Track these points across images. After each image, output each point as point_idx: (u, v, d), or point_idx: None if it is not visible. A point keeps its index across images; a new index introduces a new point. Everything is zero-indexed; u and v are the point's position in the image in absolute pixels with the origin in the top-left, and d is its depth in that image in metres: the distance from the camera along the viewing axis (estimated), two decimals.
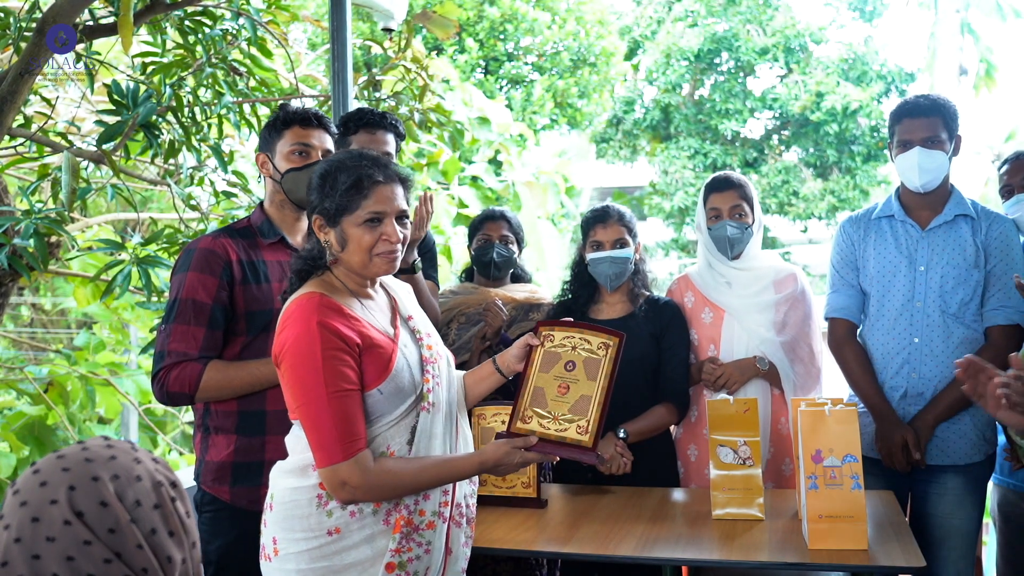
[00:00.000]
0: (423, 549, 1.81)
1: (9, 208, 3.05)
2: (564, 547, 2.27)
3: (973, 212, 2.70)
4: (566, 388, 1.96)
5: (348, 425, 1.73)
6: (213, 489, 2.28)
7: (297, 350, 1.75)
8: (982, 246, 2.65)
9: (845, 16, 16.31)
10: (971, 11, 18.39)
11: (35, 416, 4.86)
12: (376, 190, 1.82)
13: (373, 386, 1.78)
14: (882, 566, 2.04)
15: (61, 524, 1.04)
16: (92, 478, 1.07)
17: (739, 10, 15.51)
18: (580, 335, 2.01)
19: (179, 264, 2.29)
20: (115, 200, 3.30)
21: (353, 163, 1.83)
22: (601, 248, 2.79)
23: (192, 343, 2.19)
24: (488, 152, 8.43)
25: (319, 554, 1.78)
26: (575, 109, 13.35)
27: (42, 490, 1.06)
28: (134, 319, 5.33)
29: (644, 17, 16.34)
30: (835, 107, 14.71)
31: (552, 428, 1.93)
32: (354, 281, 1.88)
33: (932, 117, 2.66)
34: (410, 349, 1.88)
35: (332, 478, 1.73)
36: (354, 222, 1.81)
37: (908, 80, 15.32)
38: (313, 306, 1.77)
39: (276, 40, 3.55)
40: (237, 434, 2.25)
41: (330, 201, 1.81)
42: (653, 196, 16.18)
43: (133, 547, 1.07)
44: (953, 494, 2.64)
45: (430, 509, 1.84)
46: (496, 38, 13.14)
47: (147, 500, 1.10)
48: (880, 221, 2.78)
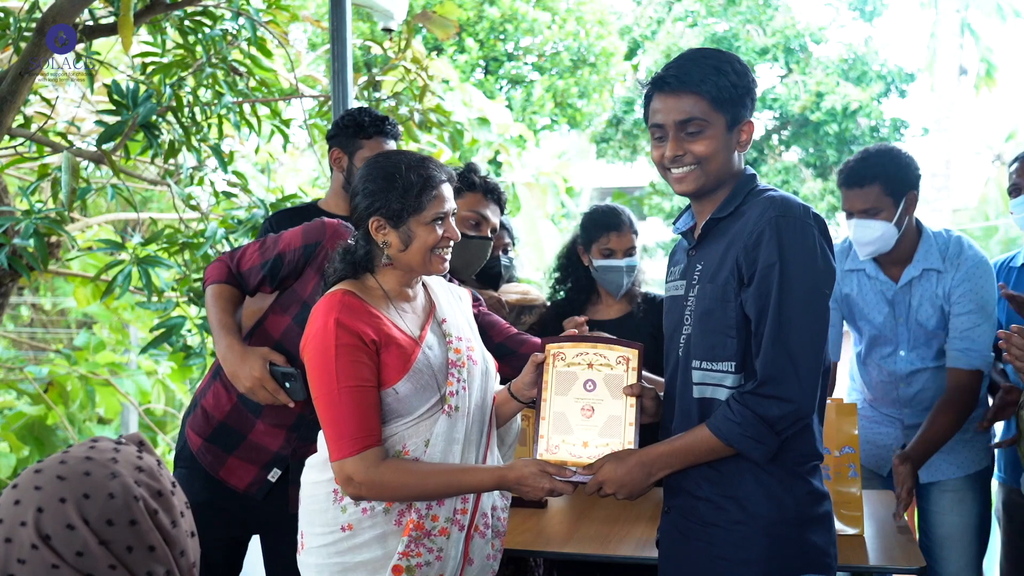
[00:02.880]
0: (434, 556, 1.79)
1: (9, 208, 3.05)
2: (564, 547, 2.27)
3: (941, 265, 2.58)
4: (591, 410, 1.83)
5: (360, 420, 1.73)
6: (190, 434, 2.29)
7: (314, 345, 1.77)
8: (948, 295, 2.57)
9: (845, 16, 16.33)
10: (971, 11, 18.39)
11: (35, 416, 4.86)
12: (440, 189, 1.85)
13: (390, 384, 1.78)
14: (882, 566, 2.05)
15: (29, 548, 1.03)
16: (60, 500, 1.05)
17: (739, 10, 15.52)
18: (594, 351, 1.86)
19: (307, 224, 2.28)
20: (115, 200, 3.30)
21: (416, 163, 1.84)
22: (613, 256, 2.78)
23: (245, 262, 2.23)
24: (488, 152, 8.44)
25: (334, 550, 1.79)
26: (575, 109, 13.35)
27: (15, 509, 1.05)
28: (134, 319, 5.33)
29: (644, 17, 16.36)
30: (835, 107, 14.72)
31: (584, 456, 1.81)
32: (399, 283, 1.88)
33: (867, 187, 2.51)
34: (436, 351, 1.87)
35: (340, 472, 1.74)
36: (421, 221, 1.83)
37: (908, 80, 15.34)
38: (334, 303, 1.78)
39: (276, 40, 3.55)
40: (238, 399, 2.26)
41: (397, 201, 1.82)
42: (653, 196, 16.19)
43: (105, 567, 1.05)
44: (953, 492, 2.65)
45: (443, 515, 1.81)
46: (496, 38, 13.14)
47: (120, 518, 1.07)
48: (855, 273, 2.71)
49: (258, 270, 2.22)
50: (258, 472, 2.28)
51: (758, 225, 1.70)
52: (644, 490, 1.78)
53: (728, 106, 1.75)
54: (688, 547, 1.80)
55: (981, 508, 2.68)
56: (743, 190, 1.80)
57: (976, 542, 2.67)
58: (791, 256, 1.68)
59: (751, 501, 1.73)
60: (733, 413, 1.69)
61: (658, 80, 1.78)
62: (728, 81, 1.74)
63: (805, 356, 1.68)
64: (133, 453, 1.13)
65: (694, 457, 1.75)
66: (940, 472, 2.66)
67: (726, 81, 1.74)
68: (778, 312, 1.67)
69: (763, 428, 1.67)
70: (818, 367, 1.71)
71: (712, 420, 1.73)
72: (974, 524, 2.66)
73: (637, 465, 1.75)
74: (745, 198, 1.79)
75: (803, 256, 1.69)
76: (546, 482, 1.74)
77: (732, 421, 1.69)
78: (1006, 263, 2.86)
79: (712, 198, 1.82)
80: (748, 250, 1.70)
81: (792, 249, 1.68)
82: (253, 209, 3.43)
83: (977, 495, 2.67)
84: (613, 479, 1.75)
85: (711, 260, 1.78)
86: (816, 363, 1.70)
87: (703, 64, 1.75)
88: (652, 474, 1.76)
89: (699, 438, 1.73)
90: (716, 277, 1.75)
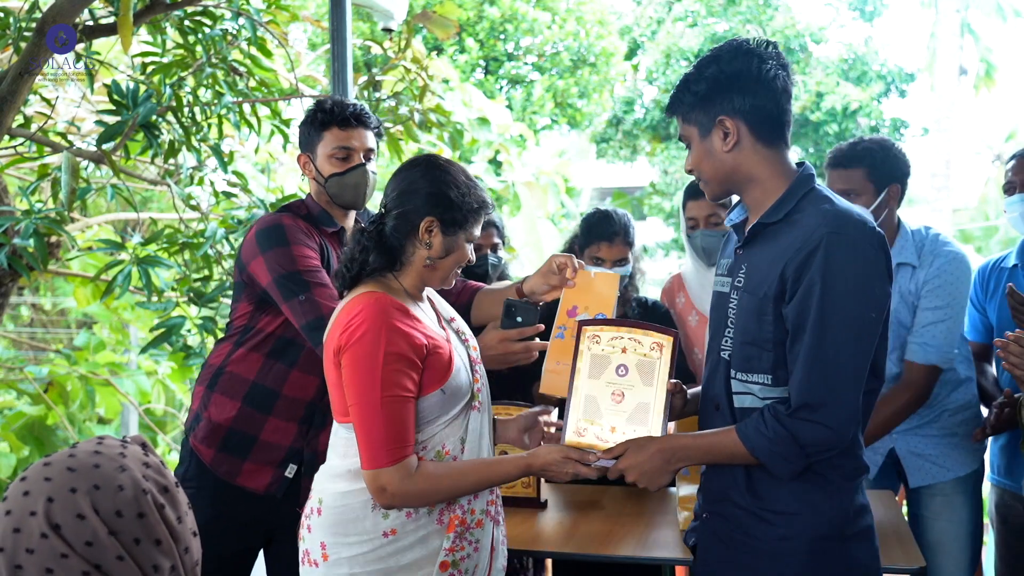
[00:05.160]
0: (473, 547, 1.83)
1: (9, 208, 3.05)
2: (564, 547, 2.27)
3: (915, 259, 2.55)
4: (620, 396, 1.83)
5: (398, 431, 1.73)
6: (198, 447, 2.28)
7: (360, 350, 1.74)
8: (918, 289, 2.54)
9: (845, 16, 16.32)
10: (971, 11, 18.38)
11: (35, 416, 4.86)
12: (483, 216, 1.90)
13: (437, 387, 1.79)
14: (882, 566, 2.04)
15: (39, 537, 1.04)
16: (70, 490, 1.07)
17: (739, 10, 15.51)
18: (629, 335, 1.84)
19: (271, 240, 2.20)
20: (115, 200, 3.30)
21: (476, 184, 1.89)
22: (601, 265, 2.78)
23: (334, 301, 2.10)
24: (488, 152, 8.43)
25: (374, 556, 1.78)
26: (575, 109, 13.35)
27: (24, 500, 1.07)
28: (134, 319, 5.32)
29: (644, 17, 16.36)
30: (835, 107, 14.72)
31: (611, 441, 1.80)
32: (416, 286, 1.89)
33: (852, 168, 2.51)
34: (459, 350, 1.90)
35: (374, 482, 1.74)
36: (467, 237, 1.88)
37: (908, 80, 15.33)
38: (383, 306, 1.76)
39: (276, 40, 3.55)
40: (243, 403, 2.25)
41: (459, 211, 1.84)
42: (653, 196, 16.19)
43: (113, 559, 1.06)
44: (943, 497, 2.64)
45: (479, 508, 1.86)
46: (496, 38, 13.14)
47: (129, 510, 1.09)
48: None
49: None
50: (275, 471, 2.28)
51: (808, 242, 1.63)
52: (665, 480, 1.76)
53: (694, 116, 1.75)
54: (727, 555, 1.77)
55: (972, 512, 2.67)
56: (796, 193, 1.72)
57: (969, 547, 2.65)
58: (837, 278, 1.61)
59: (794, 516, 1.70)
60: (766, 427, 1.66)
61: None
62: (689, 92, 1.75)
63: (845, 383, 1.63)
64: (139, 451, 1.15)
65: (715, 457, 1.75)
66: (930, 476, 2.64)
67: (687, 94, 1.75)
68: (819, 335, 1.62)
69: (793, 448, 1.64)
70: (859, 393, 1.66)
71: (743, 427, 1.70)
72: (966, 529, 2.64)
73: (657, 452, 1.73)
74: (798, 203, 1.71)
75: (851, 279, 1.62)
76: (570, 467, 1.77)
77: (763, 435, 1.66)
78: (997, 263, 2.83)
79: (752, 195, 1.77)
80: (795, 267, 1.64)
81: (840, 271, 1.61)
82: (253, 209, 3.43)
83: (968, 499, 2.66)
84: (634, 465, 1.74)
85: (756, 267, 1.74)
86: (856, 389, 1.66)
87: (680, 84, 1.78)
88: (671, 463, 1.74)
89: (725, 440, 1.71)
90: (758, 289, 1.71)
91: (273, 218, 2.27)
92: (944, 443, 2.62)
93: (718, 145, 1.74)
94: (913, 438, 2.64)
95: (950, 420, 2.63)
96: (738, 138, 1.72)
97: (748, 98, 1.71)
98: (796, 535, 1.70)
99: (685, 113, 1.76)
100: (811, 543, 1.69)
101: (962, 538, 2.64)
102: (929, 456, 2.63)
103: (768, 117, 1.73)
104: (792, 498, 1.70)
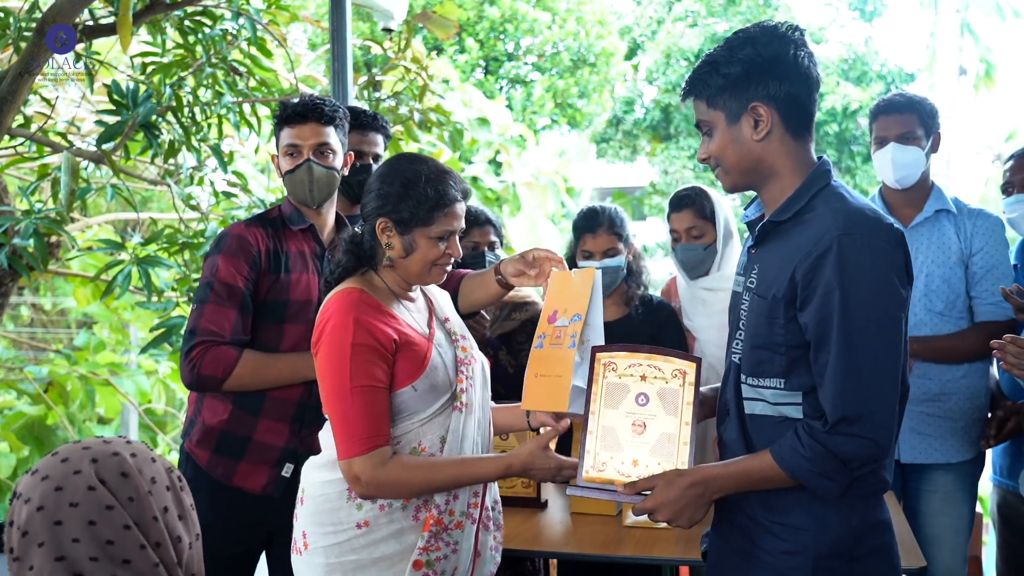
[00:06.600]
0: (450, 549, 1.82)
1: (9, 208, 3.05)
2: (564, 547, 2.27)
3: (954, 208, 2.69)
4: (642, 426, 1.71)
5: (371, 420, 1.74)
6: (193, 450, 2.29)
7: (329, 343, 1.77)
8: (967, 242, 2.64)
9: (845, 16, 16.34)
10: (971, 11, 18.39)
11: (35, 416, 4.86)
12: (452, 208, 1.84)
13: (408, 382, 1.79)
14: None
15: (85, 490, 1.10)
16: (112, 453, 1.14)
17: (739, 10, 15.52)
18: (648, 361, 1.73)
19: (212, 248, 2.30)
20: (115, 200, 3.30)
21: (435, 175, 1.83)
22: (592, 258, 2.75)
23: (225, 324, 2.18)
24: (488, 152, 8.43)
25: (348, 547, 1.80)
26: (575, 109, 13.36)
27: (64, 465, 1.12)
28: (134, 319, 5.33)
29: (644, 17, 16.37)
30: (835, 107, 14.73)
31: (634, 475, 1.68)
32: (399, 284, 1.89)
33: (907, 114, 2.66)
34: (445, 349, 1.90)
35: (348, 470, 1.75)
36: (426, 235, 1.83)
37: (908, 80, 15.34)
38: (352, 302, 1.79)
39: (276, 40, 3.55)
40: (233, 405, 2.26)
41: (408, 210, 1.82)
42: (653, 196, 16.20)
43: (150, 518, 1.12)
44: (943, 491, 2.66)
45: (459, 509, 1.84)
46: (496, 38, 13.15)
47: (161, 480, 1.17)
48: None
49: (240, 317, 2.20)
50: (271, 471, 2.28)
51: (819, 244, 1.53)
52: (699, 516, 1.62)
53: (722, 100, 1.62)
54: (736, 565, 1.70)
55: (970, 506, 2.70)
56: (809, 190, 1.62)
57: (966, 541, 2.69)
58: (857, 281, 1.51)
59: (801, 531, 1.60)
60: (803, 446, 1.54)
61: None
62: (719, 74, 1.61)
63: (881, 391, 1.53)
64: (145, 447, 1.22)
65: (752, 484, 1.61)
66: (923, 455, 2.65)
67: (716, 76, 1.61)
68: (847, 344, 1.51)
69: (835, 465, 1.53)
70: (895, 398, 1.56)
71: (777, 449, 1.58)
72: (966, 523, 2.68)
73: (690, 487, 1.60)
74: (810, 200, 1.61)
75: (871, 281, 1.52)
76: (552, 461, 1.76)
77: (801, 455, 1.55)
78: None
79: (771, 191, 1.66)
80: (805, 270, 1.54)
81: (858, 273, 1.51)
82: (253, 209, 3.43)
83: (966, 495, 2.68)
84: (664, 503, 1.60)
85: (767, 269, 1.64)
86: (893, 395, 1.55)
87: (704, 64, 1.66)
88: (705, 496, 1.61)
89: (760, 465, 1.59)
90: (767, 291, 1.61)
91: (230, 226, 2.33)
92: (945, 426, 2.62)
93: (747, 133, 1.62)
94: (916, 416, 2.64)
95: (956, 405, 2.64)
96: (770, 127, 1.61)
97: (784, 85, 1.60)
98: (801, 551, 1.60)
99: (711, 96, 1.63)
100: (816, 560, 1.59)
101: (962, 534, 2.66)
102: (927, 434, 2.63)
103: (800, 106, 1.62)
104: (804, 512, 1.61)
